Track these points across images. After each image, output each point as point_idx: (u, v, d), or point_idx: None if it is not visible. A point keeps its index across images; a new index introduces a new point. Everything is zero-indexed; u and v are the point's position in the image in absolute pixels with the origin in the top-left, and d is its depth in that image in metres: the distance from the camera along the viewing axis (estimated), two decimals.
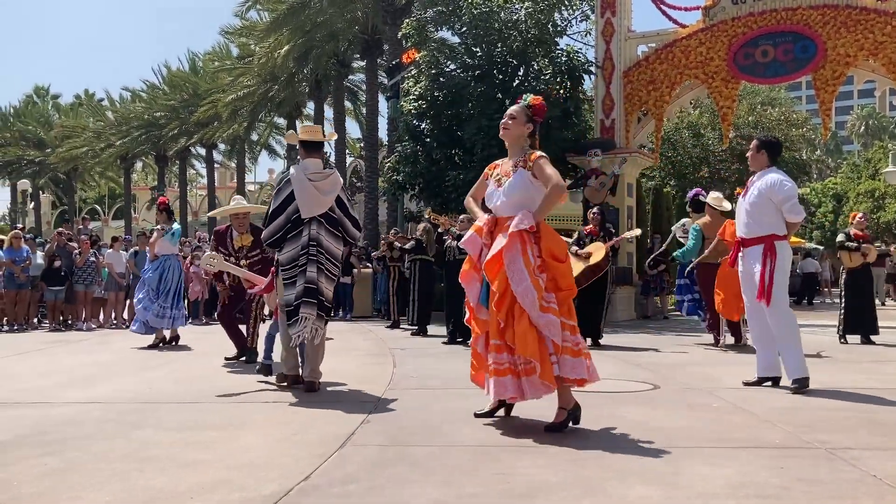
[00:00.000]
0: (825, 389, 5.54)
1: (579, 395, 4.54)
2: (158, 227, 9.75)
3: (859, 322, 9.72)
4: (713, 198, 9.36)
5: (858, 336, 9.67)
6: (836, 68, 14.15)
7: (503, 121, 4.51)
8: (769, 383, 5.79)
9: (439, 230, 10.57)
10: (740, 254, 5.94)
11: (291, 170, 5.84)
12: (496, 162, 4.62)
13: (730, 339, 9.11)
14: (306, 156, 5.85)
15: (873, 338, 9.64)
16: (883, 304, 21.79)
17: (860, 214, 10.64)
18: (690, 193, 10.15)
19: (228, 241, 7.70)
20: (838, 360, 7.73)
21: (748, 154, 6.09)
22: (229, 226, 7.85)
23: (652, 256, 14.40)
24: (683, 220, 10.27)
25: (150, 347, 9.31)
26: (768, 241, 5.72)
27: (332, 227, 5.75)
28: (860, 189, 37.59)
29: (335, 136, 6.71)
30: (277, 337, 6.30)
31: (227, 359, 7.71)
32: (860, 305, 9.80)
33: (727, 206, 9.27)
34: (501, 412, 4.55)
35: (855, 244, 9.81)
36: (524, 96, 4.57)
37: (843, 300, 9.93)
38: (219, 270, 7.20)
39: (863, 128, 69.00)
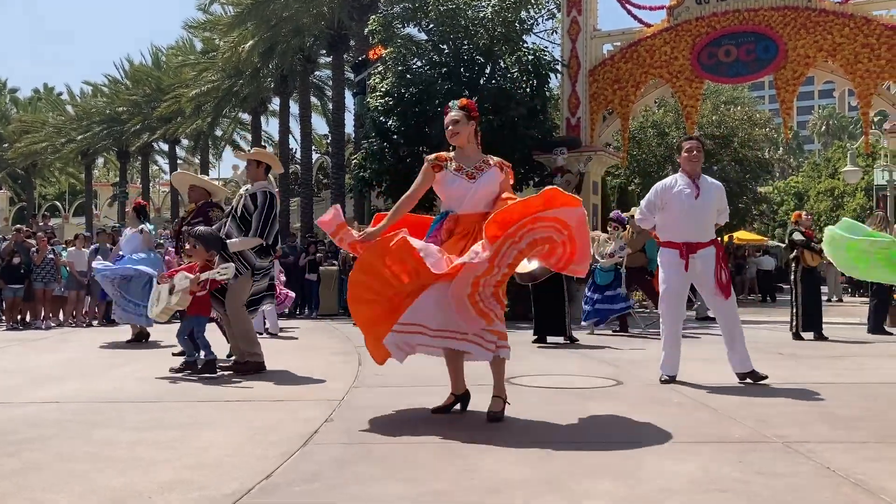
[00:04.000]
0: (784, 385, 5.64)
1: (546, 391, 4.57)
2: (141, 228, 9.96)
3: (814, 320, 9.90)
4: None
5: (812, 333, 9.85)
6: (797, 69, 14.39)
7: (449, 129, 4.52)
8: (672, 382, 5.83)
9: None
10: (692, 257, 5.74)
11: (273, 190, 6.81)
12: (442, 154, 4.58)
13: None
14: (265, 176, 6.87)
15: (825, 334, 9.84)
16: (840, 300, 22.26)
17: (805, 214, 10.88)
18: (615, 214, 11.57)
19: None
20: (797, 356, 7.87)
21: (690, 154, 5.90)
22: None
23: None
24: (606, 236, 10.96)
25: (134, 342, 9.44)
26: (716, 243, 5.92)
27: None
28: (820, 187, 38.33)
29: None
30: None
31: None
32: (814, 303, 9.99)
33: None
34: (457, 408, 4.58)
35: (818, 245, 10.02)
36: (451, 103, 4.62)
37: (800, 298, 10.06)
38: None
39: (823, 127, 70.31)
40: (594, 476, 3.20)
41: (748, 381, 5.69)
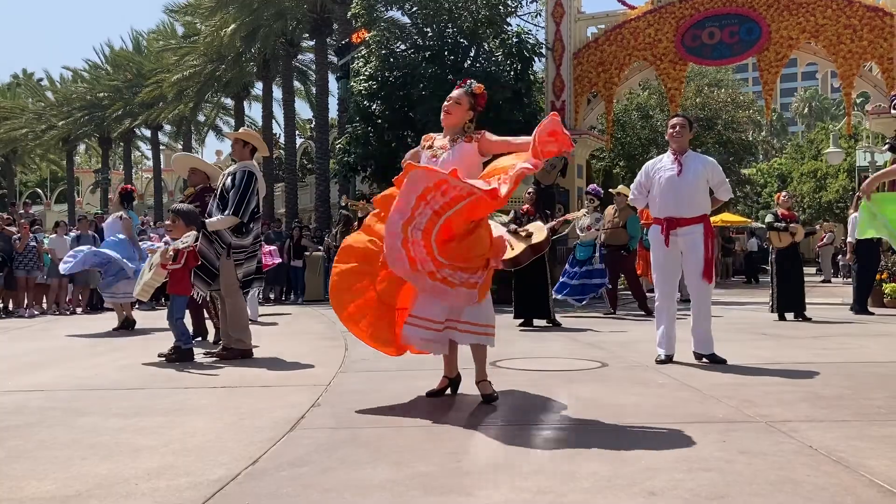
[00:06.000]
0: (767, 365, 5.70)
1: (532, 374, 4.59)
2: (120, 214, 10.04)
3: (791, 301, 9.95)
4: (625, 189, 11.12)
5: (793, 313, 9.93)
6: (780, 50, 14.45)
7: (446, 104, 4.46)
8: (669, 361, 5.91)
9: (360, 215, 10.51)
10: (673, 234, 5.82)
11: (254, 168, 6.67)
12: (431, 135, 4.61)
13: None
14: (251, 157, 6.77)
15: (808, 314, 9.92)
16: (829, 280, 22.45)
17: (784, 194, 10.90)
18: (592, 187, 11.57)
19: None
20: (780, 336, 7.93)
21: (673, 131, 5.95)
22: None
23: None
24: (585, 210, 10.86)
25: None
26: (706, 220, 5.87)
27: None
28: (803, 169, 38.52)
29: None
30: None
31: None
32: (790, 284, 10.01)
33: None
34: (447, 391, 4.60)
35: (783, 224, 10.05)
36: (468, 81, 4.54)
37: (775, 279, 10.14)
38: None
39: (806, 109, 70.69)
40: (579, 457, 3.22)
41: (705, 361, 5.78)
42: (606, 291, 11.05)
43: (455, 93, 4.50)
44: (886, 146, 16.07)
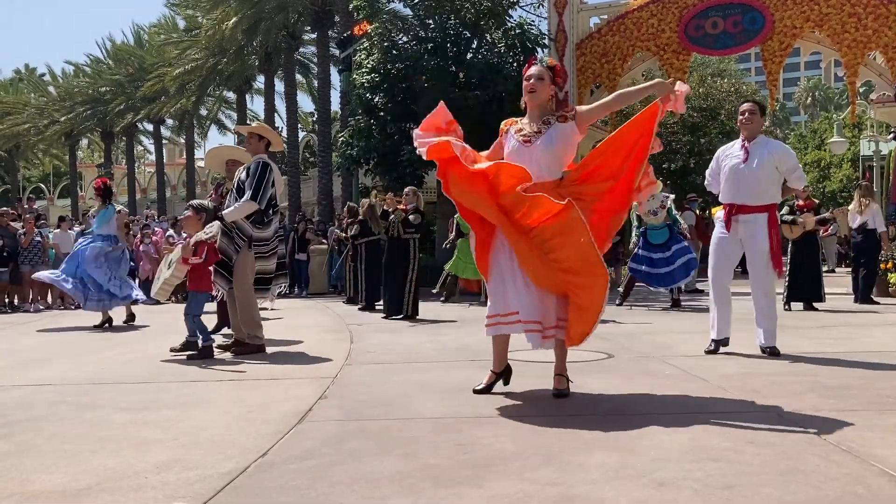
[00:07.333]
0: (773, 356, 5.68)
1: (539, 366, 4.58)
2: (120, 209, 9.93)
3: (803, 291, 9.94)
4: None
5: (801, 303, 9.92)
6: (783, 40, 14.39)
7: (530, 82, 4.19)
8: (722, 347, 5.91)
9: (385, 208, 10.33)
10: (734, 219, 5.79)
11: (269, 160, 6.60)
12: (513, 119, 4.34)
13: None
14: (266, 151, 6.69)
15: (817, 305, 9.91)
16: (833, 270, 22.36)
17: None
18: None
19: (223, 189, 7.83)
20: (787, 327, 7.91)
21: (742, 117, 5.86)
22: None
23: None
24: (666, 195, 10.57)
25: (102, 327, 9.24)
26: (771, 210, 5.81)
27: None
28: (807, 159, 38.43)
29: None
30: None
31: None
32: (805, 274, 10.00)
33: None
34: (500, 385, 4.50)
35: (790, 216, 10.01)
36: (539, 57, 4.30)
37: (789, 269, 10.11)
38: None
39: (809, 99, 70.44)
40: (587, 448, 3.22)
41: (767, 354, 5.73)
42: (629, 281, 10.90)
43: (533, 69, 4.23)
44: (891, 135, 16.03)
